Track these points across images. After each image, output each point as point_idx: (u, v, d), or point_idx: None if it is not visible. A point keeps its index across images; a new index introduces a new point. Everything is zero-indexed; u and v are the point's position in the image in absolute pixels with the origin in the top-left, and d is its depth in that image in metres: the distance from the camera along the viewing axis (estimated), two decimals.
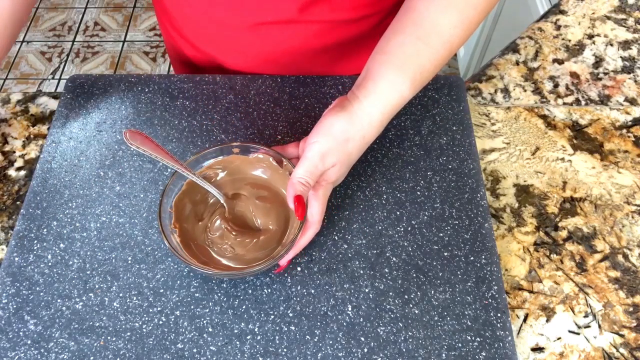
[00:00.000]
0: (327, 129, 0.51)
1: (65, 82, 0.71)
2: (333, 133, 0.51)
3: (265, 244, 0.56)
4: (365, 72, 0.54)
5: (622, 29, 0.82)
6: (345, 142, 0.52)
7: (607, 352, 0.54)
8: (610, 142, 0.68)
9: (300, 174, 0.51)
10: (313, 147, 0.51)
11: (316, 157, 0.51)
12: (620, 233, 0.61)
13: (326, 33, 0.68)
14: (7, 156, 0.67)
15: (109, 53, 2.19)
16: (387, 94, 0.53)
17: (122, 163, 0.63)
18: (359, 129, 0.52)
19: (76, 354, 0.51)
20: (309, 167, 0.51)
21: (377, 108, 0.52)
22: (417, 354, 0.51)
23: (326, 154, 0.51)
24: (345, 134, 0.52)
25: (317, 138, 0.51)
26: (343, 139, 0.52)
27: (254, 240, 0.56)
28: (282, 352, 0.51)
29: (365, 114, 0.52)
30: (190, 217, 0.57)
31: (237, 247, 0.55)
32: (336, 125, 0.51)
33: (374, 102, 0.52)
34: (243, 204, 0.58)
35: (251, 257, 0.55)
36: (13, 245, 0.58)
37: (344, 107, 0.52)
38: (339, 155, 0.52)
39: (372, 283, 0.55)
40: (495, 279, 0.55)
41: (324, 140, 0.51)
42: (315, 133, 0.52)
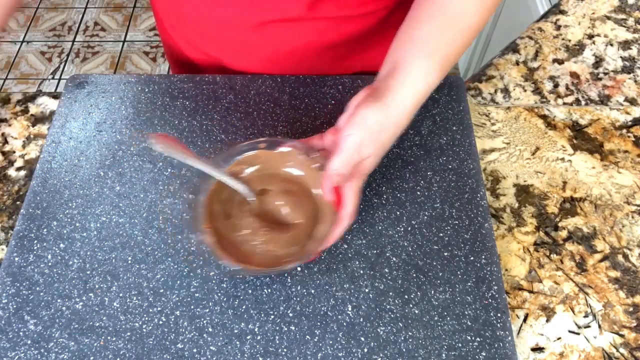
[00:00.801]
0: (362, 120, 0.51)
1: (65, 82, 0.71)
2: (368, 124, 0.51)
3: (296, 239, 0.55)
4: (393, 61, 0.54)
5: (622, 29, 0.82)
6: (380, 133, 0.52)
7: (607, 352, 0.54)
8: (610, 142, 0.68)
9: (337, 165, 0.51)
10: (349, 139, 0.51)
11: (352, 149, 0.51)
12: (620, 233, 0.61)
13: (333, 30, 0.68)
14: (7, 156, 0.67)
15: (109, 53, 2.19)
16: (418, 84, 0.53)
17: (122, 163, 0.63)
18: (393, 119, 0.52)
19: (76, 354, 0.51)
20: (346, 159, 0.51)
21: (409, 98, 0.53)
22: (417, 354, 0.51)
23: (362, 146, 0.51)
24: (380, 125, 0.52)
25: (353, 130, 0.51)
26: (378, 130, 0.52)
27: (284, 236, 0.55)
28: (282, 352, 0.51)
29: (398, 104, 0.52)
30: (220, 216, 0.56)
31: (268, 243, 0.55)
32: (371, 117, 0.51)
33: (406, 92, 0.52)
34: (272, 200, 0.58)
35: (283, 253, 0.54)
36: (13, 245, 0.58)
37: (377, 98, 0.52)
38: (374, 146, 0.52)
39: (372, 283, 0.55)
40: (495, 279, 0.55)
41: (359, 132, 0.51)
42: (350, 125, 0.51)
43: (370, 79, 0.70)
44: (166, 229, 0.59)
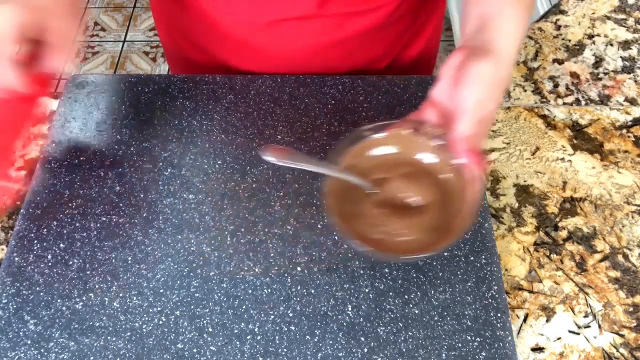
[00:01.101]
0: (477, 77, 0.50)
1: (65, 82, 0.71)
2: (486, 79, 0.50)
3: (436, 215, 0.54)
4: (480, 17, 0.54)
5: (622, 29, 0.82)
6: (498, 85, 0.51)
7: (607, 352, 0.54)
8: (610, 142, 0.68)
9: (466, 127, 0.50)
10: (470, 98, 0.50)
11: (477, 107, 0.50)
12: (620, 233, 0.61)
13: (342, 26, 0.68)
14: None
15: (109, 53, 2.19)
16: (515, 31, 0.53)
17: (122, 163, 0.63)
18: (505, 70, 0.52)
19: (76, 354, 0.51)
20: (472, 118, 0.50)
21: (512, 46, 0.52)
22: (417, 354, 0.51)
23: (484, 102, 0.50)
24: (496, 77, 0.50)
25: (472, 88, 0.50)
26: (496, 82, 0.51)
27: (420, 218, 0.54)
28: (282, 352, 0.51)
29: (505, 54, 0.51)
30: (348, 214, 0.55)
31: (404, 230, 0.54)
32: (486, 71, 0.50)
33: (508, 40, 0.52)
34: (394, 187, 0.56)
35: (423, 237, 0.53)
36: (13, 245, 0.58)
37: (485, 52, 0.51)
38: (496, 99, 0.51)
39: (372, 283, 0.55)
40: (495, 279, 0.55)
41: (479, 89, 0.50)
42: (467, 83, 0.50)
43: (371, 79, 0.70)
44: (166, 228, 0.59)
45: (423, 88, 0.69)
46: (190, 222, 0.59)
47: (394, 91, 0.69)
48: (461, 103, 0.50)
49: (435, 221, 0.54)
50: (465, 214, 0.51)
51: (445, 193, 0.55)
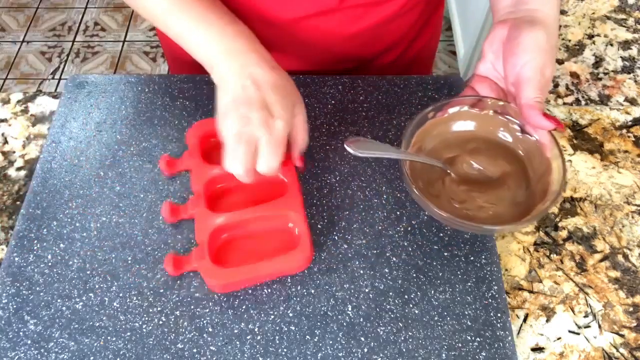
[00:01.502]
0: (533, 44, 0.51)
1: (65, 82, 0.71)
2: (541, 47, 0.51)
3: (515, 187, 0.55)
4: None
5: (622, 29, 0.82)
6: (552, 51, 0.52)
7: (607, 352, 0.54)
8: (610, 142, 0.68)
9: (533, 94, 0.50)
10: (530, 66, 0.51)
11: (537, 74, 0.51)
12: (620, 233, 0.61)
13: (361, 18, 0.68)
14: (7, 156, 0.67)
15: (109, 53, 2.19)
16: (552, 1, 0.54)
17: (122, 163, 0.63)
18: (554, 33, 0.53)
19: (76, 354, 0.51)
20: (537, 85, 0.51)
21: (556, 11, 0.54)
22: (417, 354, 0.51)
23: (544, 68, 0.51)
24: (549, 43, 0.52)
25: (529, 56, 0.51)
26: (549, 48, 0.52)
27: (502, 190, 0.55)
28: (282, 352, 0.51)
29: (551, 19, 0.53)
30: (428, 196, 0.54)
31: (490, 203, 0.54)
32: (540, 39, 0.51)
33: (551, 6, 0.53)
34: (466, 163, 0.57)
35: (508, 209, 0.54)
36: (13, 245, 0.58)
37: (532, 22, 0.52)
38: (552, 65, 0.52)
39: (372, 283, 0.55)
40: (495, 279, 0.55)
41: (537, 56, 0.51)
42: (523, 52, 0.51)
43: (371, 79, 0.70)
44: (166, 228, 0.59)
45: (423, 88, 0.69)
46: (190, 222, 0.59)
47: (394, 91, 0.69)
48: (522, 72, 0.51)
49: (516, 189, 0.55)
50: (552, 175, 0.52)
51: (519, 160, 0.56)
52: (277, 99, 0.52)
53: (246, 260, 0.55)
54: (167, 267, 0.54)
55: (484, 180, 0.56)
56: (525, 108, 0.51)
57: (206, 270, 0.53)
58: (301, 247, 0.54)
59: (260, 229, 0.58)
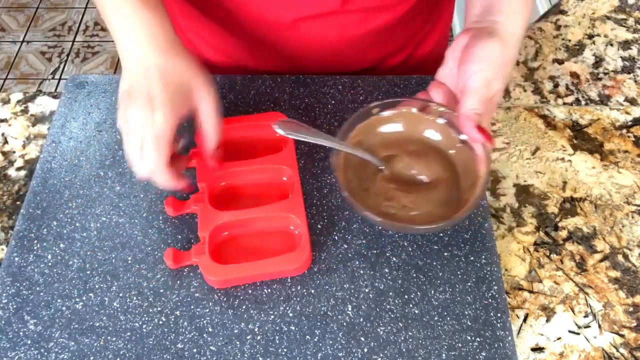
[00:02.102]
0: (485, 56, 0.51)
1: (65, 82, 0.71)
2: (493, 59, 0.51)
3: (444, 193, 0.55)
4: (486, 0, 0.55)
5: (622, 29, 0.82)
6: (505, 66, 0.52)
7: (607, 352, 0.54)
8: (610, 142, 0.68)
9: (472, 105, 0.50)
10: (477, 77, 0.51)
11: (482, 86, 0.51)
12: (620, 233, 0.61)
13: (363, 22, 0.68)
14: (7, 156, 0.67)
15: (109, 53, 2.19)
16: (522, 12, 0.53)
17: (122, 163, 0.63)
18: (512, 48, 0.52)
19: (76, 354, 0.51)
20: (478, 97, 0.50)
21: (519, 27, 0.53)
22: (417, 354, 0.51)
23: (490, 81, 0.51)
24: (503, 57, 0.51)
25: (478, 66, 0.51)
26: (502, 63, 0.51)
27: (430, 193, 0.56)
28: (282, 352, 0.51)
29: (512, 35, 0.52)
30: (357, 189, 0.56)
31: (415, 204, 0.55)
32: (494, 51, 0.51)
33: (515, 22, 0.53)
34: (402, 163, 0.57)
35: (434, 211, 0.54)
36: (13, 245, 0.58)
37: (491, 33, 0.52)
38: (502, 80, 0.52)
39: (372, 283, 0.55)
40: (495, 279, 0.55)
41: (486, 68, 0.51)
42: (475, 63, 0.51)
43: (371, 79, 0.70)
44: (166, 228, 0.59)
45: (423, 88, 0.69)
46: (190, 221, 0.59)
47: (394, 91, 0.69)
48: (468, 81, 0.51)
49: (445, 196, 0.55)
50: (477, 189, 0.52)
51: (454, 169, 0.57)
52: (161, 89, 0.50)
53: (245, 259, 0.56)
54: (166, 260, 0.55)
55: (415, 182, 0.57)
56: (461, 117, 0.51)
57: (205, 265, 0.53)
58: (300, 250, 0.55)
59: (261, 229, 0.58)
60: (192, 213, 0.59)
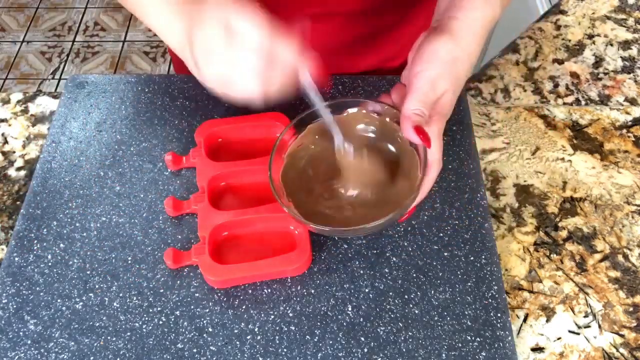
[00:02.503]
0: (432, 54, 0.48)
1: (65, 82, 0.71)
2: (440, 57, 0.48)
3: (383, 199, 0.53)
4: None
5: (622, 29, 0.82)
6: (454, 64, 0.49)
7: (607, 352, 0.54)
8: (610, 142, 0.68)
9: (413, 105, 0.47)
10: (421, 76, 0.48)
11: (426, 86, 0.48)
12: (620, 233, 0.61)
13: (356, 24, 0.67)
14: (7, 156, 0.67)
15: (109, 53, 2.19)
16: (483, 9, 0.50)
17: (122, 163, 0.63)
18: (465, 46, 0.49)
19: (76, 354, 0.51)
20: (421, 97, 0.47)
21: (478, 22, 0.50)
22: (417, 354, 0.51)
23: (436, 80, 0.48)
24: (452, 54, 0.48)
25: (423, 65, 0.48)
26: (451, 60, 0.48)
27: (369, 198, 0.53)
28: (282, 352, 0.51)
29: (467, 31, 0.49)
30: (300, 190, 0.54)
31: (355, 207, 0.53)
32: (441, 48, 0.48)
33: (473, 16, 0.49)
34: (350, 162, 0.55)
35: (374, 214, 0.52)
36: (13, 245, 0.58)
37: (443, 30, 0.49)
38: (450, 79, 0.49)
39: (372, 283, 0.55)
40: (495, 279, 0.55)
41: (431, 67, 0.48)
42: (419, 61, 0.48)
43: (371, 79, 0.70)
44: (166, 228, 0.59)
45: None
46: (190, 221, 0.59)
47: None
48: (413, 80, 0.48)
49: (384, 196, 0.53)
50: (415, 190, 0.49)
51: (396, 171, 0.54)
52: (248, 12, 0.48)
53: (245, 259, 0.56)
54: (166, 261, 0.55)
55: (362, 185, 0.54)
56: (401, 118, 0.48)
57: (205, 265, 0.53)
58: (300, 250, 0.55)
59: (261, 229, 0.58)
60: (192, 213, 0.59)
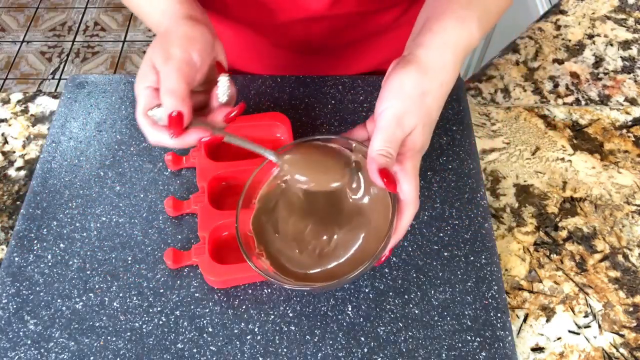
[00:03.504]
0: (397, 88, 0.44)
1: (65, 82, 0.71)
2: (405, 91, 0.44)
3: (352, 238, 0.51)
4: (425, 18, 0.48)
5: (622, 29, 0.82)
6: (422, 97, 0.45)
7: (607, 352, 0.54)
8: (610, 142, 0.68)
9: (378, 145, 0.44)
10: (386, 114, 0.44)
11: (392, 124, 0.44)
12: (620, 233, 0.61)
13: (351, 27, 0.67)
14: (7, 156, 0.67)
15: (109, 53, 2.19)
16: (456, 32, 0.46)
17: (122, 163, 0.63)
18: (434, 76, 0.45)
19: (76, 354, 0.51)
20: (386, 136, 0.44)
21: (448, 48, 0.45)
22: (417, 354, 0.51)
23: (402, 117, 0.44)
24: (420, 87, 0.44)
25: (388, 102, 0.44)
26: (418, 93, 0.44)
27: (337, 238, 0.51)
28: (282, 352, 0.51)
29: (436, 58, 0.45)
30: (269, 234, 0.52)
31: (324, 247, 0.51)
32: (406, 81, 0.44)
33: (443, 42, 0.45)
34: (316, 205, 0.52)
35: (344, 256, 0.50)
36: (13, 245, 0.58)
37: (409, 61, 0.45)
38: (418, 114, 0.45)
39: (372, 283, 0.55)
40: (495, 279, 0.55)
41: (396, 103, 0.44)
42: (384, 98, 0.45)
43: (371, 79, 0.70)
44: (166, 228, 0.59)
45: None
46: (190, 221, 0.59)
47: None
48: (379, 119, 0.45)
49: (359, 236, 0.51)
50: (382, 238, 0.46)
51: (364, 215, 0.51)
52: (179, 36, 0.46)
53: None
54: (166, 261, 0.55)
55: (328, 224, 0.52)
56: (367, 159, 0.45)
57: (205, 265, 0.53)
58: None
59: None
60: (192, 213, 0.59)
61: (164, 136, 0.46)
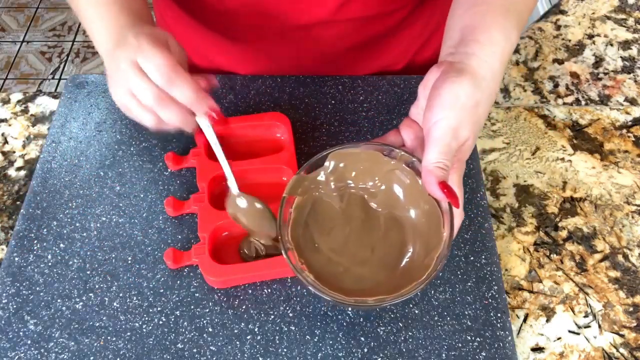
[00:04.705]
0: (452, 100, 0.44)
1: (65, 82, 0.71)
2: (461, 103, 0.44)
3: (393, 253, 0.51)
4: (463, 28, 0.48)
5: (622, 29, 0.82)
6: (476, 108, 0.45)
7: (607, 352, 0.54)
8: (610, 142, 0.68)
9: (435, 158, 0.44)
10: (441, 125, 0.44)
11: (448, 135, 0.44)
12: (620, 233, 0.61)
13: (355, 31, 0.67)
14: (7, 156, 0.67)
15: None
16: (502, 42, 0.46)
17: (122, 163, 0.63)
18: (486, 87, 0.45)
19: (76, 354, 0.51)
20: (442, 148, 0.44)
21: (496, 58, 0.46)
22: (417, 354, 0.51)
23: (458, 129, 0.44)
24: (474, 98, 0.44)
25: (443, 113, 0.44)
26: (473, 105, 0.44)
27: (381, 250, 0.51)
28: (282, 352, 0.51)
29: (487, 69, 0.45)
30: (308, 247, 0.51)
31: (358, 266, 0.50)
32: (462, 93, 0.44)
33: (492, 52, 0.46)
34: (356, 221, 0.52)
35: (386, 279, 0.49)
36: (13, 245, 0.58)
37: (461, 70, 0.45)
38: (472, 126, 0.45)
39: None
40: (495, 279, 0.55)
41: (452, 115, 0.44)
42: (438, 107, 0.44)
43: (371, 79, 0.70)
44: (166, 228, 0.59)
45: None
46: (190, 221, 0.59)
47: (394, 91, 0.69)
48: (432, 129, 0.44)
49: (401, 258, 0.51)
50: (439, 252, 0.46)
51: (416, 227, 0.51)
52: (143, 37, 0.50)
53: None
54: (166, 260, 0.55)
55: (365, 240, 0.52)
56: (423, 172, 0.44)
57: (205, 265, 0.53)
58: None
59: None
60: (192, 213, 0.59)
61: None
